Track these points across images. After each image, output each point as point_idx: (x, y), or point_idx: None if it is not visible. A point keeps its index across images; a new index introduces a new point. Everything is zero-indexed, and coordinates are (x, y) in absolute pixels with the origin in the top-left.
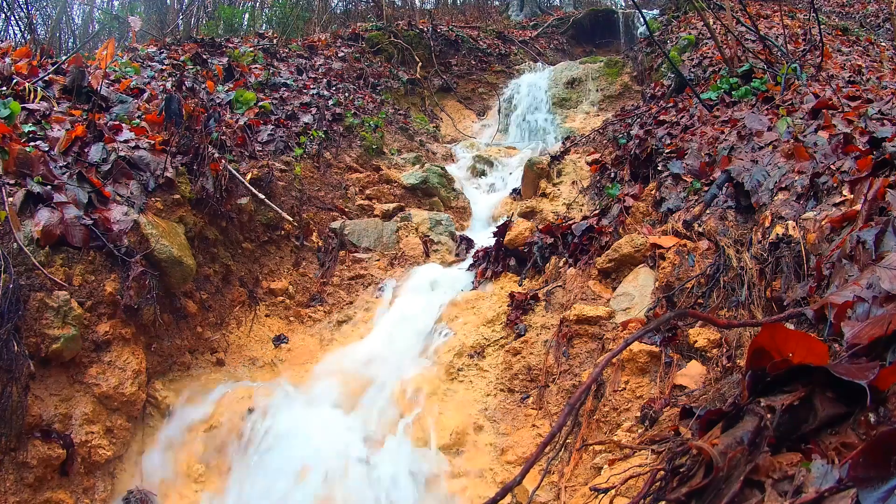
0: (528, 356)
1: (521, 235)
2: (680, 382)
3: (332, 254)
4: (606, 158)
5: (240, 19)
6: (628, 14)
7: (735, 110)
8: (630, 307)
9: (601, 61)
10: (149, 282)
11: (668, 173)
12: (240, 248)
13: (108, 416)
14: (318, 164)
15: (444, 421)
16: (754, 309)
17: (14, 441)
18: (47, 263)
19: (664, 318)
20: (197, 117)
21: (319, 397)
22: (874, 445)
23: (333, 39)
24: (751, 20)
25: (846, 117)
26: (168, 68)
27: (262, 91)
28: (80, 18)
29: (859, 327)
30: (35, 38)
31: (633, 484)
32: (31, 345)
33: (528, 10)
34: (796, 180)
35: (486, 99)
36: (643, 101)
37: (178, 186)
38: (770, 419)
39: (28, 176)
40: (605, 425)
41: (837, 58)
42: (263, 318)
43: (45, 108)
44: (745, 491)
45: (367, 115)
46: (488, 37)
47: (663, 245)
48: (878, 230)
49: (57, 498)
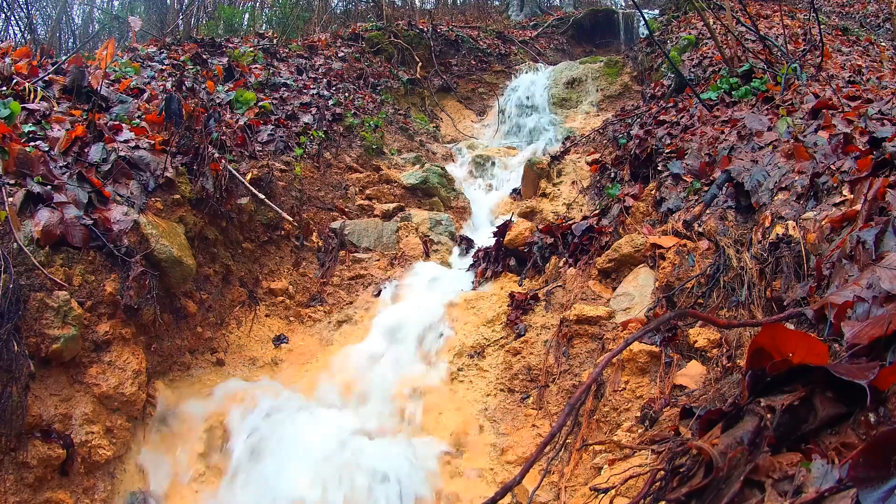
0: (528, 356)
1: (521, 235)
2: (680, 382)
3: (332, 254)
4: (606, 158)
5: (240, 19)
6: (628, 14)
7: (735, 110)
8: (630, 307)
9: (601, 61)
10: (149, 282)
11: (668, 173)
12: (240, 248)
13: (108, 416)
14: (318, 164)
15: (444, 421)
16: (754, 309)
17: (14, 441)
18: (47, 263)
19: (664, 318)
20: (197, 117)
21: (319, 397)
22: (874, 445)
23: (333, 39)
24: (751, 20)
25: (846, 117)
26: (168, 68)
27: (262, 91)
28: (80, 18)
29: (859, 327)
30: (35, 38)
31: (633, 484)
32: (31, 345)
33: (528, 10)
34: (796, 180)
35: (486, 99)
36: (643, 101)
37: (178, 186)
38: (770, 419)
39: (28, 176)
40: (605, 425)
41: (837, 58)
42: (263, 318)
43: (45, 108)
44: (745, 491)
45: (367, 115)
46: (488, 37)
47: (663, 245)
48: (878, 230)
49: (57, 498)
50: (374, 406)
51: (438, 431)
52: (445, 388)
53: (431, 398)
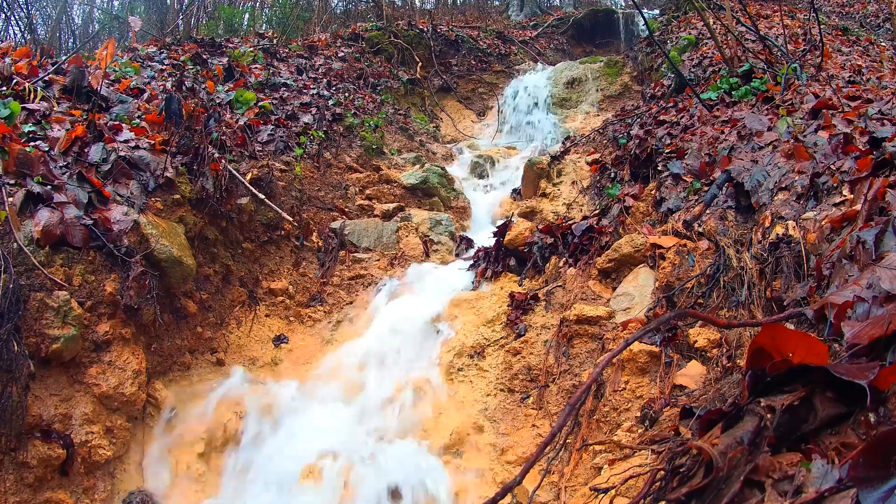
0: (528, 356)
1: (521, 235)
2: (680, 382)
3: (332, 254)
4: (606, 158)
5: (240, 19)
6: (628, 14)
7: (735, 110)
8: (630, 307)
9: (601, 61)
10: (149, 282)
11: (668, 173)
12: (240, 248)
13: (108, 416)
14: (318, 164)
15: (445, 421)
16: (754, 309)
17: (14, 441)
18: (47, 263)
19: (664, 318)
20: (197, 117)
21: (319, 397)
22: (874, 445)
23: (333, 39)
24: (751, 20)
25: (846, 117)
26: (168, 68)
27: (262, 91)
28: (80, 18)
29: (859, 327)
30: (35, 38)
31: (633, 484)
32: (31, 345)
33: (528, 10)
34: (796, 180)
35: (486, 99)
36: (643, 101)
37: (178, 186)
38: (770, 419)
39: (28, 176)
40: (605, 425)
41: (837, 58)
42: (263, 318)
43: (45, 108)
44: (745, 491)
45: (367, 115)
46: (488, 37)
47: (663, 245)
48: (878, 230)
49: (57, 498)
50: (374, 405)
51: (438, 431)
52: (445, 387)
53: (431, 398)
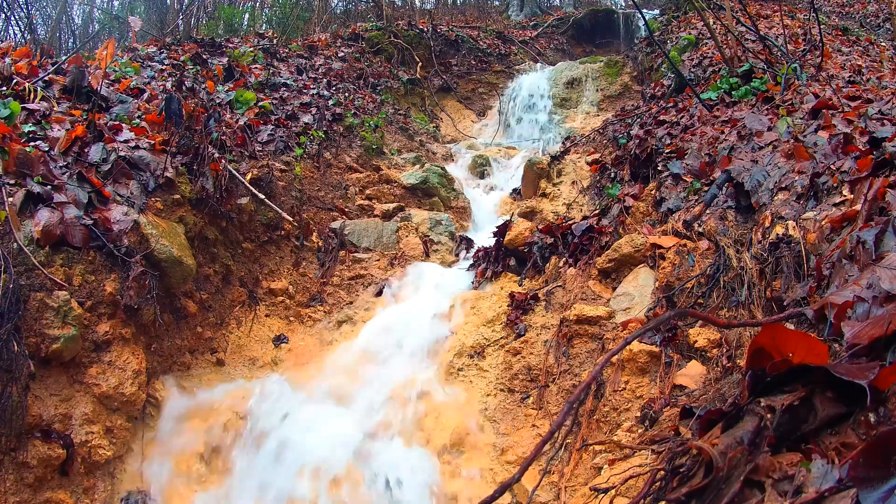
0: (528, 356)
1: (521, 235)
2: (680, 382)
3: (332, 254)
4: (606, 158)
5: (240, 19)
6: (628, 14)
7: (735, 110)
8: (630, 307)
9: (601, 61)
10: (149, 282)
11: (668, 173)
12: (240, 248)
13: (108, 416)
14: (318, 164)
15: (444, 421)
16: (754, 309)
17: (14, 441)
18: (47, 263)
19: (664, 318)
20: (197, 117)
21: (319, 397)
22: (874, 445)
23: (333, 39)
24: (751, 20)
25: (846, 117)
26: (168, 68)
27: (262, 91)
28: (80, 18)
29: (859, 327)
30: (35, 38)
31: (633, 484)
32: (31, 345)
33: (528, 10)
34: (796, 180)
35: (486, 99)
36: (643, 101)
37: (178, 186)
38: (770, 419)
39: (28, 176)
40: (605, 425)
41: (837, 58)
42: (263, 318)
43: (45, 108)
44: (745, 491)
45: (367, 115)
46: (488, 37)
47: (663, 245)
48: (878, 230)
49: (57, 498)
50: (374, 406)
51: (438, 431)
52: (445, 387)
53: (431, 398)
